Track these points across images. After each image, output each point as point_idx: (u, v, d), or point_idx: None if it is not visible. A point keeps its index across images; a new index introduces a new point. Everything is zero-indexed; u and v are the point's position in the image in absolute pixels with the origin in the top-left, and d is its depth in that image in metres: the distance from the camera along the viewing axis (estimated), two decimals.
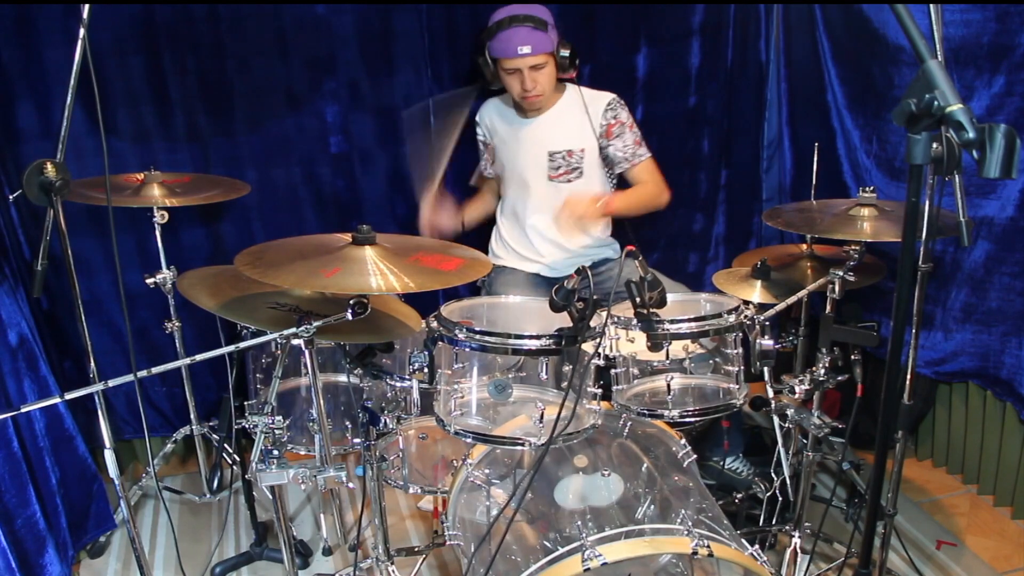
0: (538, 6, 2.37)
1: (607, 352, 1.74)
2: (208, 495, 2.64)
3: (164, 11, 2.40)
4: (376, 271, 1.53)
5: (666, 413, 1.78)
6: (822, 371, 1.92)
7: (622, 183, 2.62)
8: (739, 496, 2.33)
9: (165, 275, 2.35)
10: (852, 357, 1.89)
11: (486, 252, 2.70)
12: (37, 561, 2.03)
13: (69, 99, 1.48)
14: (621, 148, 2.53)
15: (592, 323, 1.58)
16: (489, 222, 2.75)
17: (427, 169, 2.45)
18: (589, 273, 1.61)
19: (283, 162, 2.67)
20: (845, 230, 1.98)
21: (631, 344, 1.78)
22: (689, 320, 1.71)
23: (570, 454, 1.80)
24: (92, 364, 1.54)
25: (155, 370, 1.44)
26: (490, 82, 2.48)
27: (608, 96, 2.51)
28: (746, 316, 1.77)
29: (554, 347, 1.59)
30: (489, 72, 2.43)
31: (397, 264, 1.56)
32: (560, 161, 2.50)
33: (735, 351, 1.82)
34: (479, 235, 2.83)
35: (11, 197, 2.31)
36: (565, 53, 2.37)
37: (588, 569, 1.47)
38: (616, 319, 1.76)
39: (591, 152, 2.52)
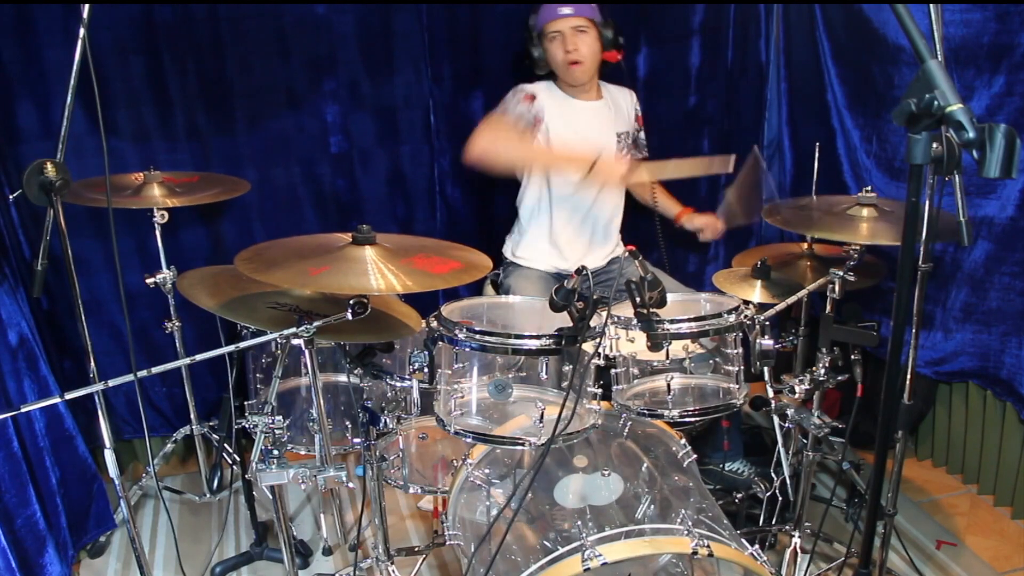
0: None
1: (607, 352, 1.74)
2: (208, 495, 2.64)
3: (164, 11, 2.40)
4: (375, 271, 1.53)
5: (666, 413, 1.77)
6: (822, 371, 1.92)
7: None
8: (739, 496, 2.33)
9: (165, 275, 2.35)
10: (852, 357, 1.89)
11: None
12: (37, 561, 2.03)
13: (69, 99, 1.48)
14: (643, 135, 2.68)
15: (592, 323, 1.58)
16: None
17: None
18: (589, 273, 1.61)
19: (283, 162, 2.67)
20: (844, 231, 1.98)
21: (631, 344, 1.78)
22: (689, 320, 1.71)
23: (570, 454, 1.80)
24: (92, 364, 1.54)
25: (155, 370, 1.44)
26: (537, 67, 2.45)
27: (629, 90, 2.63)
28: (746, 316, 1.77)
29: (554, 347, 1.59)
30: (535, 53, 2.41)
31: (392, 265, 1.56)
32: (622, 143, 2.56)
33: (735, 351, 1.82)
34: (482, 232, 2.84)
35: (11, 197, 2.31)
36: (609, 31, 2.40)
37: (588, 569, 1.47)
38: (616, 319, 1.76)
39: (630, 138, 2.62)
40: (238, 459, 2.46)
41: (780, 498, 2.26)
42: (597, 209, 2.55)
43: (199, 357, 1.48)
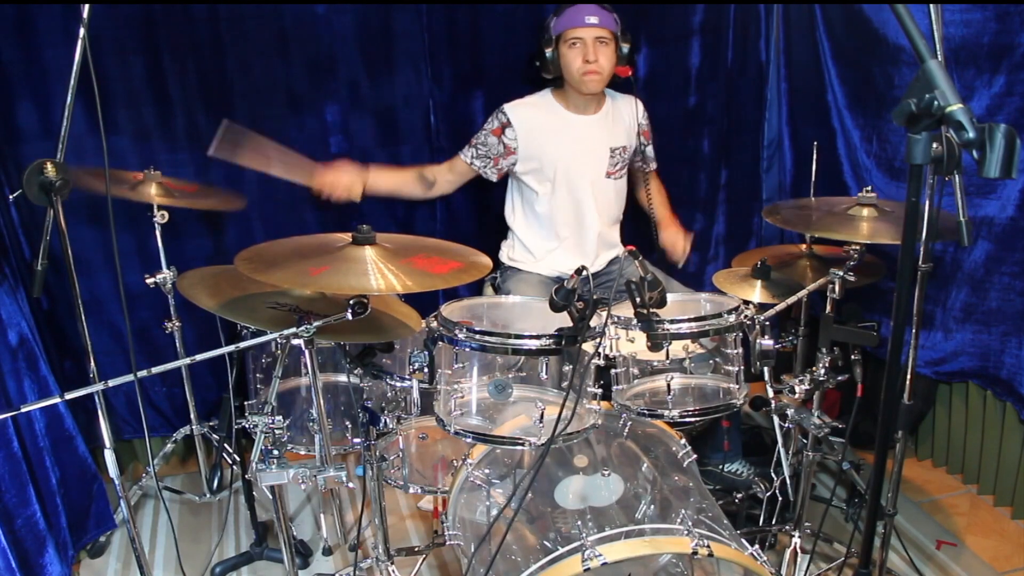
0: None
1: (607, 352, 1.74)
2: (208, 495, 2.64)
3: (164, 11, 2.40)
4: (375, 271, 1.53)
5: (666, 413, 1.77)
6: (822, 371, 1.92)
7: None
8: (739, 496, 2.33)
9: (165, 275, 2.35)
10: (852, 357, 1.89)
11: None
12: (37, 561, 2.03)
13: (69, 99, 1.49)
14: (651, 150, 2.68)
15: (592, 323, 1.58)
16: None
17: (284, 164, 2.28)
18: (589, 273, 1.61)
19: None
20: (844, 230, 1.98)
21: (631, 344, 1.78)
22: (689, 320, 1.71)
23: (570, 454, 1.80)
24: (92, 364, 1.54)
25: (155, 370, 1.44)
26: (546, 70, 2.42)
27: (635, 99, 2.59)
28: (746, 316, 1.77)
29: (554, 347, 1.60)
30: (548, 55, 2.38)
31: (392, 265, 1.56)
32: (618, 157, 2.54)
33: (735, 351, 1.82)
34: (482, 232, 2.84)
35: (11, 197, 2.31)
36: (626, 45, 2.41)
37: (588, 569, 1.47)
38: (616, 319, 1.76)
39: (631, 151, 2.60)
40: (238, 459, 2.46)
41: (780, 498, 2.25)
42: (592, 214, 2.54)
43: (199, 357, 1.48)
